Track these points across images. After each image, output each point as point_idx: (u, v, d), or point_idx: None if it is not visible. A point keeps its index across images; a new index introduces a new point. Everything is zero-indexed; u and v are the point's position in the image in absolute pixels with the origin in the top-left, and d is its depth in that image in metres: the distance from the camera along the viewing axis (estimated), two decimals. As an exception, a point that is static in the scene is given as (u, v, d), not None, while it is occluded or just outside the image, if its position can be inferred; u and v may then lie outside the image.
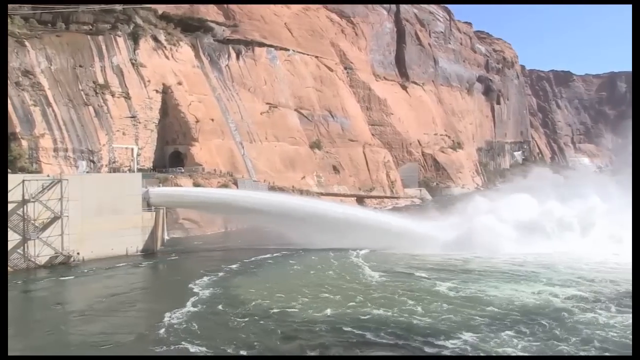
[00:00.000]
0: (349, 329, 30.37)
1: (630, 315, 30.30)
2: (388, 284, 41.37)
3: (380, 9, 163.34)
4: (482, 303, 34.46)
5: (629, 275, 40.24)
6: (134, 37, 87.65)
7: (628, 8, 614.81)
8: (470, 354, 26.09)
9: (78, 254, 51.80)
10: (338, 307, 34.71)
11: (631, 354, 18.60)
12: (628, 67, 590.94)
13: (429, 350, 27.01)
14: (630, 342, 26.14)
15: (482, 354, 25.91)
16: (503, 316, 31.50)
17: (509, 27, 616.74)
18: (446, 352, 26.59)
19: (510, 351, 26.15)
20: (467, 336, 28.33)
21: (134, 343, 29.67)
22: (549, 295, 35.68)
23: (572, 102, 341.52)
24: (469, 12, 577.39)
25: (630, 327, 28.34)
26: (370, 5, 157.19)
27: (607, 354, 25.55)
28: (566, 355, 25.26)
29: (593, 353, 25.82)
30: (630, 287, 36.67)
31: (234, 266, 49.64)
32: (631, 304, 31.93)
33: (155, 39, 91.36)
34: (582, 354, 25.62)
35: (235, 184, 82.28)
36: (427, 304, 34.87)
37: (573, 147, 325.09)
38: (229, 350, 27.91)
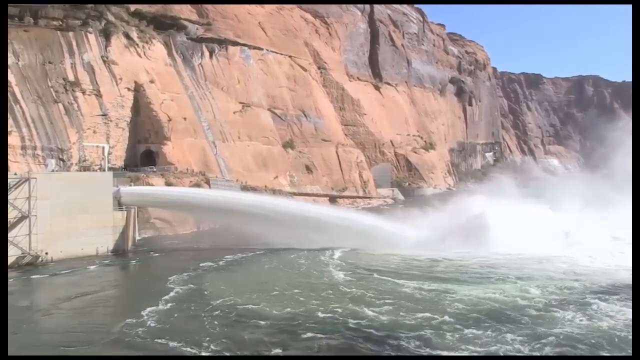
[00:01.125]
0: (309, 325, 30.85)
1: (593, 313, 31.24)
2: (354, 283, 41.71)
3: (354, 10, 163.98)
4: (446, 302, 34.90)
5: (592, 274, 41.66)
6: (106, 34, 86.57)
7: (599, 13, 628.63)
8: (430, 353, 26.37)
9: (46, 254, 51.02)
10: (302, 306, 35.13)
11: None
12: (595, 71, 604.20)
13: (387, 347, 27.42)
14: (591, 340, 27.16)
15: (455, 354, 26.21)
16: (466, 315, 31.90)
17: (481, 30, 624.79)
18: (404, 350, 26.93)
19: (471, 348, 26.54)
20: (428, 334, 28.74)
21: (100, 342, 29.46)
22: (516, 294, 36.20)
23: (542, 104, 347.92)
24: (442, 14, 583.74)
25: (591, 324, 29.17)
26: (344, 6, 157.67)
27: (606, 353, 25.96)
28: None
29: (560, 349, 26.26)
30: (595, 285, 37.83)
31: (205, 266, 49.51)
32: (599, 301, 33.16)
33: (128, 37, 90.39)
34: (547, 349, 26.06)
35: (208, 183, 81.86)
36: (391, 302, 35.32)
37: (543, 148, 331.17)
38: (197, 347, 27.97)
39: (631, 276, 23.85)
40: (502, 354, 25.91)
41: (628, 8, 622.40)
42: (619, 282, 38.49)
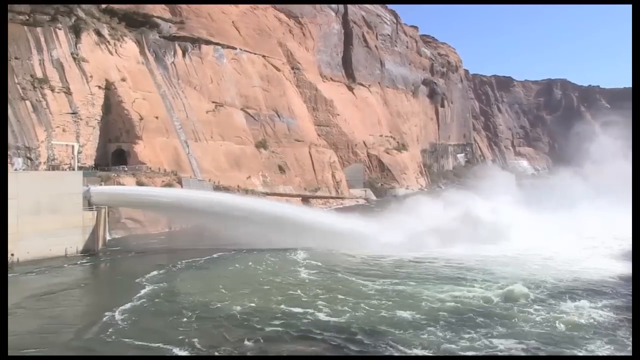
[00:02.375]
0: (274, 323, 31.39)
1: (562, 311, 31.92)
2: (321, 282, 42.12)
3: (329, 10, 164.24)
4: (410, 301, 35.26)
5: (562, 273, 42.51)
6: (76, 31, 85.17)
7: (567, 18, 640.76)
8: (392, 353, 26.58)
9: (12, 255, 49.97)
10: (268, 304, 35.57)
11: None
12: (563, 75, 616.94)
13: (350, 346, 27.72)
14: (559, 337, 27.75)
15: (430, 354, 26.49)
16: (432, 314, 32.24)
17: (453, 32, 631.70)
18: (366, 349, 27.20)
19: (435, 347, 26.87)
20: (388, 333, 29.06)
21: (65, 343, 29.06)
22: (484, 293, 36.73)
23: (513, 106, 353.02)
24: (416, 16, 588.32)
25: (558, 323, 29.78)
26: (318, 6, 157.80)
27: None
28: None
29: (525, 347, 26.68)
30: (561, 285, 38.61)
31: (176, 265, 49.38)
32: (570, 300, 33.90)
33: (99, 34, 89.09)
34: (514, 349, 26.51)
35: (180, 183, 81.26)
36: (353, 301, 35.69)
37: (513, 150, 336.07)
38: (166, 345, 27.94)
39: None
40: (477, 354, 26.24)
41: (596, 13, 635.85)
42: (591, 283, 39.33)
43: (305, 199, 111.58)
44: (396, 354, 26.35)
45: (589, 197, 71.91)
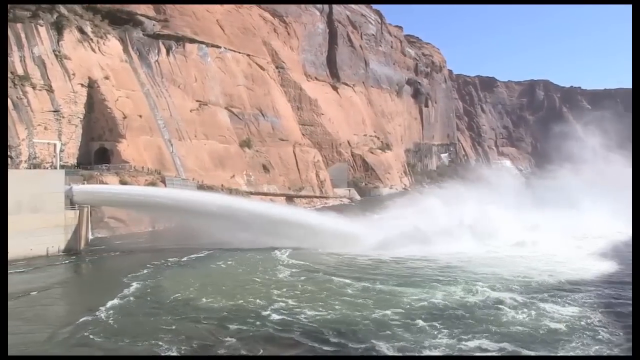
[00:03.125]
0: (250, 322, 31.57)
1: (542, 310, 32.31)
2: (301, 281, 42.31)
3: (313, 10, 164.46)
4: (390, 301, 35.41)
5: (544, 272, 42.98)
6: (58, 28, 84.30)
7: (554, 17, 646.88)
8: (369, 352, 26.77)
9: (-9, 254, 49.44)
10: (249, 302, 35.72)
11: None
12: (546, 75, 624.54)
13: (325, 344, 27.91)
14: (534, 334, 28.13)
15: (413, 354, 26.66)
16: (411, 314, 32.42)
17: (438, 32, 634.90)
18: (341, 348, 27.38)
19: (414, 346, 27.11)
20: (364, 332, 29.28)
21: (45, 342, 28.87)
22: (465, 293, 37.07)
23: (496, 106, 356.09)
24: (400, 16, 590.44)
25: (539, 323, 30.15)
26: (303, 6, 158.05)
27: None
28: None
29: (505, 346, 26.88)
30: (542, 284, 39.04)
31: (159, 265, 49.13)
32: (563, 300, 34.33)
33: (81, 31, 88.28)
34: (492, 348, 26.78)
35: (164, 182, 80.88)
36: (332, 300, 35.90)
37: (496, 150, 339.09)
38: (148, 343, 27.92)
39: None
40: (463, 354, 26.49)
41: (580, 15, 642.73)
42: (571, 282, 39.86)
43: (290, 199, 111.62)
44: (374, 354, 26.51)
45: (571, 197, 73.04)
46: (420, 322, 30.64)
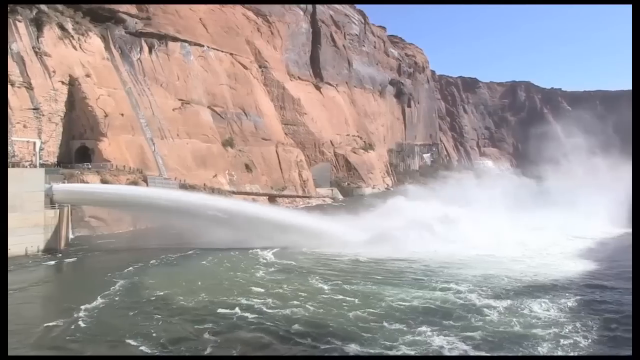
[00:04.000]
0: (228, 320, 31.96)
1: (519, 310, 32.70)
2: (281, 280, 42.56)
3: (297, 9, 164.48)
4: (367, 301, 35.63)
5: (519, 273, 43.47)
6: (37, 24, 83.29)
7: (533, 21, 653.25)
8: (343, 351, 26.95)
9: (-31, 254, 48.79)
10: (229, 302, 35.85)
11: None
12: (527, 77, 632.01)
13: (301, 342, 28.17)
14: (517, 331, 28.51)
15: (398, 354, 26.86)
16: (386, 313, 32.63)
17: (421, 33, 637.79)
18: (314, 347, 27.55)
19: (391, 346, 27.32)
20: (338, 331, 29.47)
21: (21, 342, 28.61)
22: (441, 293, 37.33)
23: (478, 107, 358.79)
24: (383, 16, 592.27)
25: (515, 322, 30.53)
26: (286, 5, 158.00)
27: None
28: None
29: (485, 346, 27.23)
30: (519, 284, 39.49)
31: (139, 265, 48.80)
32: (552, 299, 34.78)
33: (62, 28, 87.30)
34: (469, 347, 27.13)
35: (145, 181, 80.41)
36: (309, 300, 36.14)
37: (478, 150, 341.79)
38: (129, 343, 27.91)
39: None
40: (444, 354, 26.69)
41: (560, 18, 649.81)
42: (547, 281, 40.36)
43: (272, 198, 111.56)
44: (352, 354, 26.68)
45: (553, 197, 74.16)
46: (395, 322, 30.87)
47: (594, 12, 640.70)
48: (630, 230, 65.36)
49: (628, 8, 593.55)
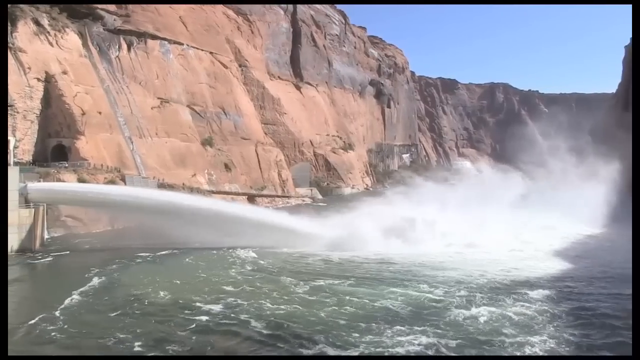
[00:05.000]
0: (199, 319, 32.05)
1: (494, 310, 32.98)
2: (258, 279, 42.74)
3: (278, 9, 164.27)
4: (339, 300, 35.70)
5: (496, 272, 43.91)
6: (11, 19, 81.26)
7: (511, 24, 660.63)
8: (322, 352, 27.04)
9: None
10: (202, 300, 36.02)
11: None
12: (505, 79, 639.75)
13: (272, 342, 28.32)
14: (490, 332, 28.81)
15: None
16: (360, 314, 32.72)
17: (401, 34, 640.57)
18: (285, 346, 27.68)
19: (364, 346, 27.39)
20: (308, 331, 29.49)
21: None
22: (415, 293, 37.49)
23: (457, 108, 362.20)
24: (364, 16, 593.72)
25: (490, 322, 30.81)
26: (267, 4, 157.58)
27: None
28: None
29: (453, 345, 27.29)
30: (495, 284, 39.85)
31: (116, 265, 48.38)
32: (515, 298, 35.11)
33: (37, 23, 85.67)
34: (447, 346, 27.30)
35: (123, 180, 79.60)
36: (282, 298, 36.37)
37: (457, 151, 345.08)
38: (105, 342, 27.67)
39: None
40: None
41: (537, 22, 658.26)
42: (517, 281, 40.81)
43: (251, 198, 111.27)
44: (318, 353, 26.76)
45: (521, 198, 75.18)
46: (368, 322, 30.92)
47: (571, 18, 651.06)
48: (604, 230, 66.90)
49: (605, 15, 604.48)
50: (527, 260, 50.76)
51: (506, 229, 63.59)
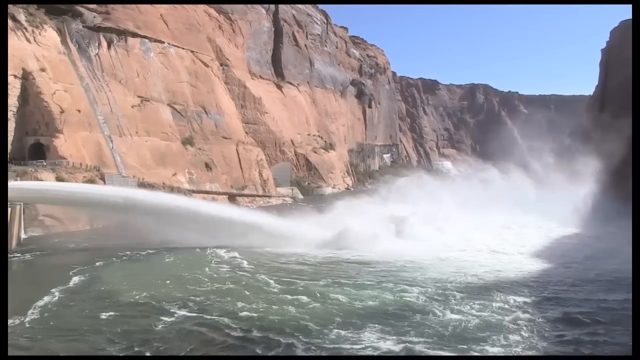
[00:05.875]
0: (170, 317, 32.65)
1: (472, 310, 33.38)
2: (233, 278, 43.18)
3: (259, 8, 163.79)
4: (317, 301, 36.04)
5: (475, 273, 44.36)
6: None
7: (490, 25, 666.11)
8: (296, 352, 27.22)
9: None
10: (179, 299, 36.45)
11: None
12: (485, 80, 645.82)
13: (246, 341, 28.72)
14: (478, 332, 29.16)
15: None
16: (338, 314, 32.92)
17: (382, 34, 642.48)
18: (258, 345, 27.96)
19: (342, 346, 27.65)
20: (281, 331, 29.81)
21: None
22: (392, 294, 37.84)
23: (438, 109, 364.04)
24: (346, 17, 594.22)
25: (468, 323, 31.17)
26: (249, 4, 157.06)
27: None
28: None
29: (435, 346, 27.62)
30: (472, 285, 40.29)
31: (94, 264, 48.30)
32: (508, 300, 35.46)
33: (14, 19, 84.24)
34: (424, 347, 27.55)
35: (103, 179, 78.99)
36: (257, 298, 36.74)
37: (437, 151, 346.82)
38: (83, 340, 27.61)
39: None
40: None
41: (519, 22, 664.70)
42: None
43: (232, 197, 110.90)
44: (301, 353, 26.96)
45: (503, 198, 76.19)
46: (344, 321, 31.29)
47: (551, 24, 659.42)
48: (578, 230, 67.97)
49: (582, 20, 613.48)
50: (508, 260, 51.37)
51: (488, 229, 64.41)
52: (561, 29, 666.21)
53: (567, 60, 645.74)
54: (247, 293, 38.16)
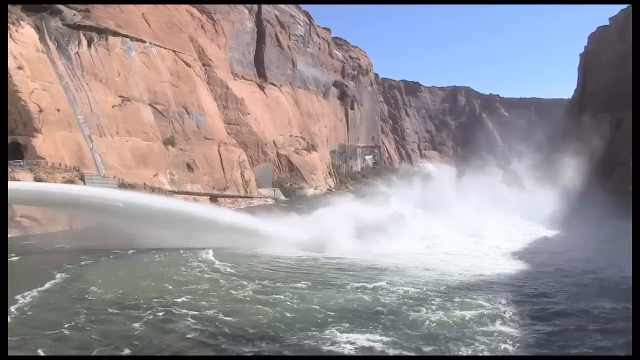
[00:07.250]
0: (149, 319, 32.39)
1: (453, 311, 33.44)
2: (214, 279, 43.01)
3: (242, 8, 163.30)
4: (294, 302, 35.79)
5: (457, 274, 44.51)
6: (-38, 9, 79.16)
7: (472, 28, 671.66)
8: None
9: None
10: (157, 299, 36.35)
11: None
12: (467, 82, 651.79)
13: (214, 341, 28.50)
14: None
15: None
16: (315, 315, 32.79)
17: (365, 36, 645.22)
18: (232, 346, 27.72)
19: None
20: (256, 331, 29.74)
21: None
22: (371, 294, 37.69)
23: (420, 111, 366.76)
24: (328, 18, 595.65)
25: (450, 322, 31.24)
26: (231, 4, 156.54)
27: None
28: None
29: (413, 347, 27.50)
30: (453, 285, 40.38)
31: (73, 265, 47.75)
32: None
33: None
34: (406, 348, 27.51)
35: (83, 179, 78.00)
36: (236, 298, 36.83)
37: (419, 153, 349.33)
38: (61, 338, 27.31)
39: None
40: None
41: (501, 24, 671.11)
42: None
43: (214, 198, 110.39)
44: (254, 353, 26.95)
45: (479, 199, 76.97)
46: (318, 322, 31.16)
47: (531, 29, 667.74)
48: (559, 231, 68.79)
49: (561, 26, 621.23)
50: (487, 260, 51.65)
51: (468, 229, 64.86)
52: (541, 32, 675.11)
53: (546, 64, 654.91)
54: (222, 292, 38.24)
